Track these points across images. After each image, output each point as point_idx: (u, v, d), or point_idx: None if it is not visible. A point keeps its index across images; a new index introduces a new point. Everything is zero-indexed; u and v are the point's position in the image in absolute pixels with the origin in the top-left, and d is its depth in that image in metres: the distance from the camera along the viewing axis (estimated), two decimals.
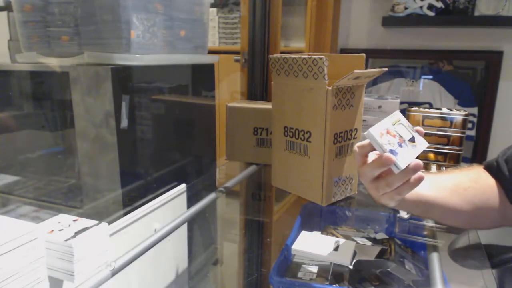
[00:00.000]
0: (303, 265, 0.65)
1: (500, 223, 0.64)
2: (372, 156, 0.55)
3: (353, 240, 0.72)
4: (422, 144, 0.55)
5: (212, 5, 2.26)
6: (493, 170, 0.64)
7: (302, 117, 0.74)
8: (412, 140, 0.55)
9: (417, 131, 0.56)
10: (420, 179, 0.51)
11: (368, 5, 2.03)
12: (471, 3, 1.78)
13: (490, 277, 0.67)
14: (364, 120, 0.88)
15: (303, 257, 0.67)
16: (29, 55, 0.83)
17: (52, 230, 0.44)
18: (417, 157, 0.53)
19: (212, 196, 0.82)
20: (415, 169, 0.50)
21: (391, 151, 0.51)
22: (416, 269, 0.65)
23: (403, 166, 0.51)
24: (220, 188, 0.86)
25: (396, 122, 0.55)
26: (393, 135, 0.53)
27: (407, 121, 0.56)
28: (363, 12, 2.04)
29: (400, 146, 0.53)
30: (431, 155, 1.00)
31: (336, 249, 0.67)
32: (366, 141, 0.53)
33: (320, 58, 0.67)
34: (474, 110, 1.90)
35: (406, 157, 0.52)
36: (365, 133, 0.52)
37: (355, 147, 0.56)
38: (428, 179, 0.51)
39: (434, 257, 0.64)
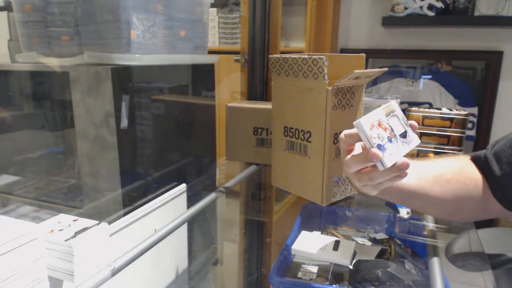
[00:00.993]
0: (303, 265, 0.65)
1: (480, 216, 0.64)
2: (359, 146, 0.53)
3: (353, 240, 0.72)
4: (413, 141, 0.52)
5: (212, 5, 2.26)
6: (480, 163, 0.62)
7: (302, 117, 0.74)
8: (403, 135, 0.51)
9: (411, 126, 0.52)
10: (404, 176, 0.49)
11: (368, 5, 2.03)
12: (471, 3, 1.78)
13: (490, 278, 0.67)
14: None
15: (303, 257, 0.67)
16: (29, 55, 0.83)
17: (52, 230, 0.44)
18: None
19: (212, 196, 0.82)
20: (401, 168, 0.48)
21: (379, 146, 0.47)
22: (416, 269, 0.65)
23: (389, 164, 0.47)
24: (220, 188, 0.87)
25: (390, 113, 0.51)
26: (384, 128, 0.49)
27: (402, 112, 0.52)
28: (363, 12, 2.04)
29: (390, 141, 0.49)
30: (431, 155, 1.00)
31: (336, 249, 0.67)
32: (355, 130, 0.50)
33: (320, 58, 0.67)
34: (474, 110, 1.90)
35: (394, 154, 0.48)
36: (355, 122, 0.48)
37: (342, 135, 0.52)
38: (411, 167, 0.49)
39: (434, 257, 0.63)
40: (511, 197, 0.59)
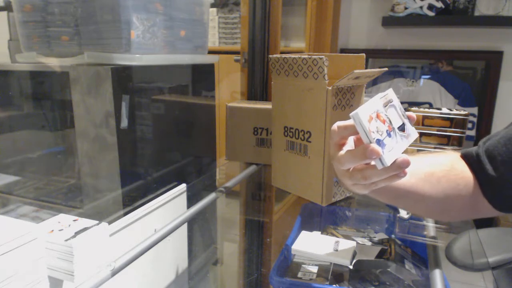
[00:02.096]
0: (303, 265, 0.65)
1: (468, 215, 0.61)
2: (351, 141, 0.48)
3: (353, 240, 0.72)
4: (412, 135, 0.47)
5: (212, 5, 2.26)
6: (472, 161, 0.59)
7: (302, 117, 0.74)
8: (402, 128, 0.46)
9: (409, 117, 0.47)
10: (403, 175, 0.45)
11: (368, 5, 2.03)
12: (471, 3, 1.78)
13: (490, 278, 0.67)
14: None
15: (303, 257, 0.67)
16: (29, 55, 0.83)
17: (52, 230, 0.44)
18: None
19: (212, 196, 0.82)
20: (401, 166, 0.43)
21: (378, 142, 0.42)
22: (416, 269, 0.65)
23: (388, 162, 0.42)
24: (220, 188, 0.86)
25: (388, 103, 0.45)
26: (382, 121, 0.43)
27: (399, 102, 0.47)
28: (363, 12, 2.04)
29: (389, 135, 0.44)
30: None
31: (336, 249, 0.67)
32: (350, 122, 0.44)
33: (320, 58, 0.67)
34: (474, 110, 1.90)
35: (394, 150, 0.43)
36: (352, 113, 0.43)
37: (335, 126, 0.47)
38: None
39: (434, 257, 0.63)
40: (503, 198, 0.57)
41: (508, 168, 0.55)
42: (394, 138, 0.44)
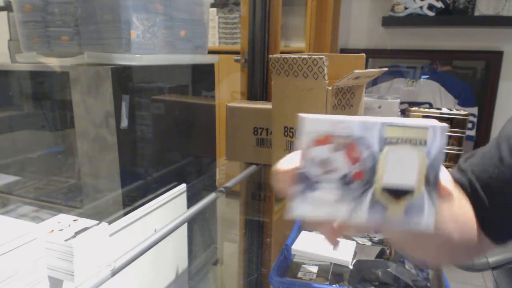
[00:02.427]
0: (303, 265, 0.65)
1: (473, 256, 0.49)
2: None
3: (353, 240, 0.72)
4: (424, 225, 0.30)
5: (212, 5, 2.26)
6: (467, 190, 0.46)
7: None
8: (400, 193, 0.29)
9: (440, 190, 0.29)
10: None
11: (368, 5, 2.03)
12: (471, 3, 1.78)
13: (490, 278, 0.67)
14: None
15: (303, 257, 0.67)
16: (29, 55, 0.83)
17: (52, 230, 0.44)
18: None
19: (212, 196, 0.82)
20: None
21: (302, 177, 0.28)
22: (416, 269, 0.65)
23: (294, 213, 0.29)
24: (220, 188, 0.86)
25: (411, 140, 0.28)
26: (353, 158, 0.28)
27: (441, 155, 0.29)
28: (363, 12, 2.04)
29: (345, 184, 0.28)
30: None
31: (336, 249, 0.67)
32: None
33: (320, 58, 0.67)
34: (474, 110, 1.90)
35: (328, 207, 0.29)
36: (301, 114, 0.29)
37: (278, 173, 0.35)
38: None
39: None
40: (503, 229, 0.45)
41: (504, 195, 0.44)
42: (352, 195, 0.28)
